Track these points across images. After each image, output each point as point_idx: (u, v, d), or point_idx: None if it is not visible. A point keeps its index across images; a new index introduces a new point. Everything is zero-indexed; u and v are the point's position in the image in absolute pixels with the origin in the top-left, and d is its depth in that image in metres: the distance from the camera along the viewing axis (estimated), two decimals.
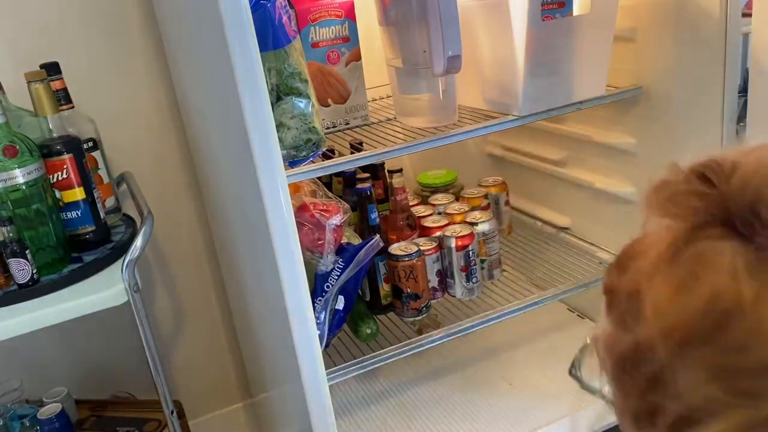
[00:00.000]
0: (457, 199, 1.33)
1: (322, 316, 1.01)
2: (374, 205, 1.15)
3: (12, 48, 1.20)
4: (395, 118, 1.12)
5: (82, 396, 1.31)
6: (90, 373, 1.40)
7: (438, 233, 1.19)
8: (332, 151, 0.98)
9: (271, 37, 0.83)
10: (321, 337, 1.00)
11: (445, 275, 1.19)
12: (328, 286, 1.01)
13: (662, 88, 1.08)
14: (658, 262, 0.41)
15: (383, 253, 1.12)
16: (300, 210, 1.00)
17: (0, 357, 1.30)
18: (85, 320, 0.95)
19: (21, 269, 0.94)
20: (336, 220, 1.00)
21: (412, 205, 1.30)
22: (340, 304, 1.04)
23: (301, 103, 0.86)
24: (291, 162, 0.87)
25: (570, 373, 0.54)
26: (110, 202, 1.16)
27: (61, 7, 1.22)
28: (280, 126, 0.84)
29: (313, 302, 0.98)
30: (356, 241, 1.09)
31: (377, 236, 1.05)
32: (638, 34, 1.09)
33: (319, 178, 1.04)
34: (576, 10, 1.05)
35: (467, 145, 1.58)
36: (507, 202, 1.39)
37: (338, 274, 1.02)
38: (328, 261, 1.02)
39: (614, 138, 1.20)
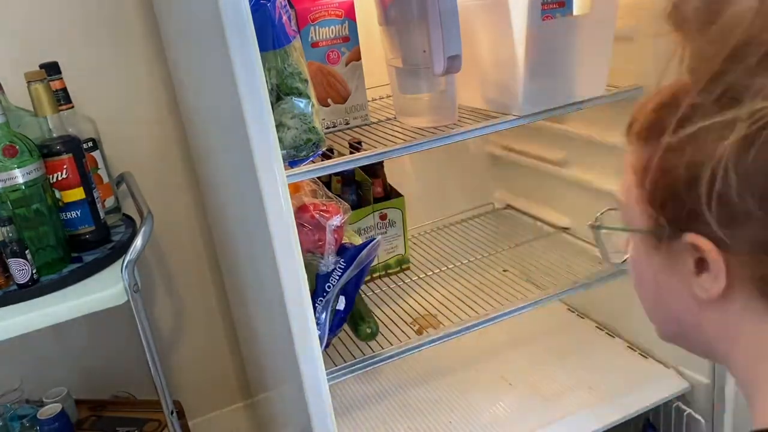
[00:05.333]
0: None
1: (323, 316, 1.01)
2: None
3: (12, 48, 1.20)
4: (395, 118, 1.12)
5: (82, 396, 1.31)
6: (90, 373, 1.40)
7: None
8: (332, 150, 0.98)
9: (271, 37, 0.83)
10: (321, 337, 1.00)
11: None
12: (329, 287, 1.01)
13: None
14: None
15: None
16: (300, 211, 1.00)
17: (0, 357, 1.30)
18: (85, 320, 0.95)
19: (21, 269, 0.93)
20: (336, 220, 1.00)
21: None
22: (341, 305, 1.04)
23: (301, 103, 0.86)
24: (291, 162, 0.87)
25: (591, 226, 0.59)
26: (110, 202, 1.16)
27: (61, 7, 1.22)
28: (280, 126, 0.84)
29: (314, 303, 0.98)
30: (357, 241, 1.09)
31: (379, 237, 1.05)
32: (638, 34, 1.09)
33: (319, 178, 1.04)
34: (576, 10, 1.05)
35: (467, 145, 1.58)
36: None
37: (339, 274, 1.02)
38: (329, 261, 1.02)
39: (614, 138, 1.20)
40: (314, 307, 0.96)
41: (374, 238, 1.04)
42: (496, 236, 1.48)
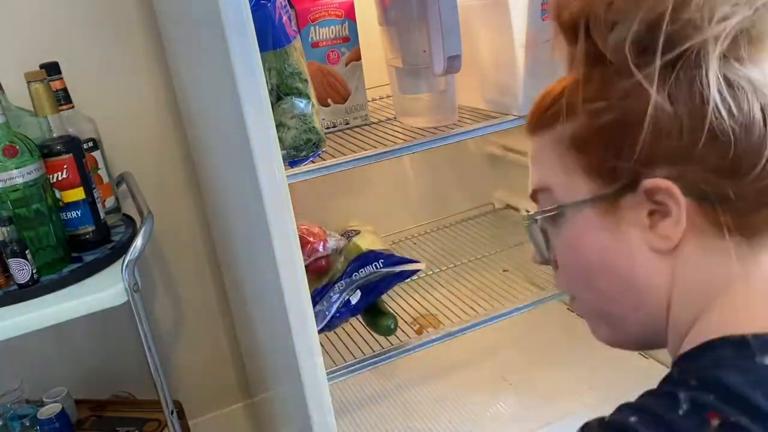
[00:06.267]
0: None
1: (337, 296, 1.03)
2: None
3: (12, 48, 1.20)
4: (395, 118, 1.12)
5: (82, 396, 1.31)
6: (90, 373, 1.40)
7: None
8: None
9: (271, 37, 0.83)
10: (324, 316, 1.01)
11: None
12: (357, 274, 1.05)
13: None
14: None
15: None
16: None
17: (0, 357, 1.30)
18: (85, 320, 0.95)
19: (21, 269, 0.94)
20: (332, 242, 1.09)
21: None
22: (356, 298, 1.04)
23: (301, 103, 0.86)
24: (291, 162, 0.88)
25: (528, 218, 0.59)
26: (110, 202, 1.16)
27: (61, 7, 1.22)
28: (280, 126, 0.84)
29: (340, 279, 1.03)
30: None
31: (422, 264, 1.09)
32: None
33: None
34: None
35: (467, 145, 1.58)
36: None
37: (373, 269, 1.05)
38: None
39: None
40: (334, 285, 1.02)
41: (416, 261, 1.08)
42: (496, 236, 1.48)
